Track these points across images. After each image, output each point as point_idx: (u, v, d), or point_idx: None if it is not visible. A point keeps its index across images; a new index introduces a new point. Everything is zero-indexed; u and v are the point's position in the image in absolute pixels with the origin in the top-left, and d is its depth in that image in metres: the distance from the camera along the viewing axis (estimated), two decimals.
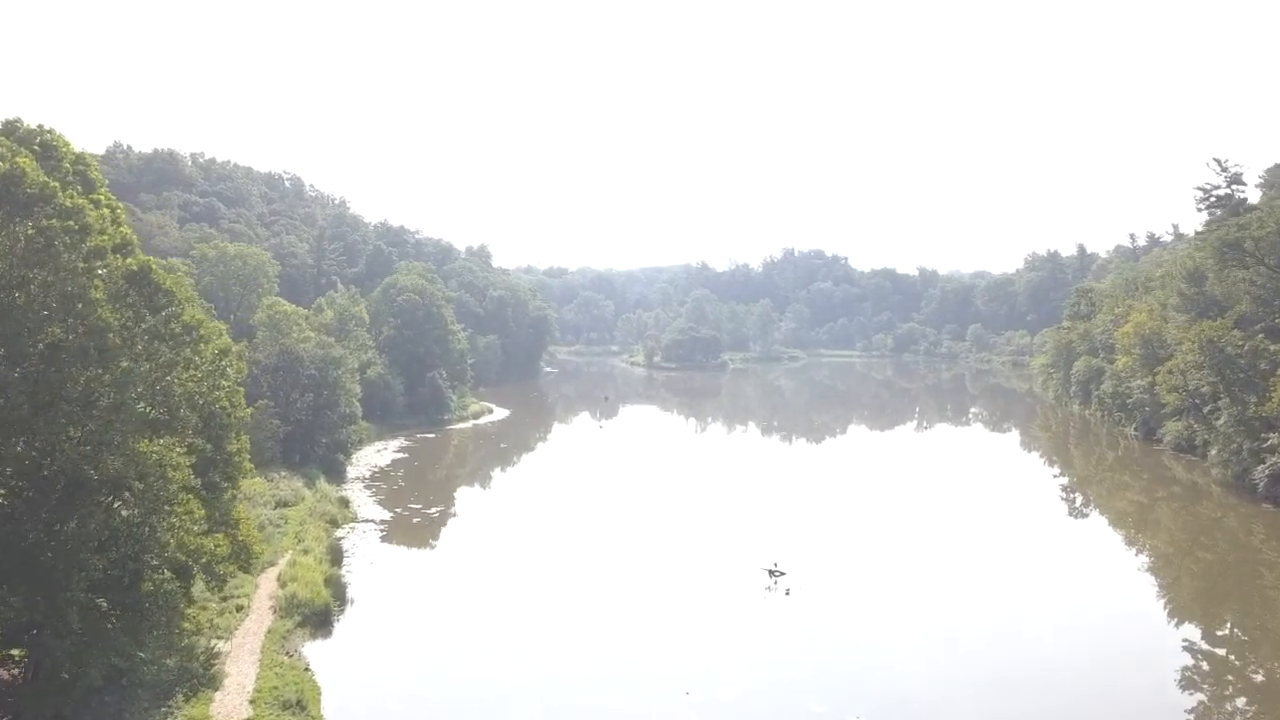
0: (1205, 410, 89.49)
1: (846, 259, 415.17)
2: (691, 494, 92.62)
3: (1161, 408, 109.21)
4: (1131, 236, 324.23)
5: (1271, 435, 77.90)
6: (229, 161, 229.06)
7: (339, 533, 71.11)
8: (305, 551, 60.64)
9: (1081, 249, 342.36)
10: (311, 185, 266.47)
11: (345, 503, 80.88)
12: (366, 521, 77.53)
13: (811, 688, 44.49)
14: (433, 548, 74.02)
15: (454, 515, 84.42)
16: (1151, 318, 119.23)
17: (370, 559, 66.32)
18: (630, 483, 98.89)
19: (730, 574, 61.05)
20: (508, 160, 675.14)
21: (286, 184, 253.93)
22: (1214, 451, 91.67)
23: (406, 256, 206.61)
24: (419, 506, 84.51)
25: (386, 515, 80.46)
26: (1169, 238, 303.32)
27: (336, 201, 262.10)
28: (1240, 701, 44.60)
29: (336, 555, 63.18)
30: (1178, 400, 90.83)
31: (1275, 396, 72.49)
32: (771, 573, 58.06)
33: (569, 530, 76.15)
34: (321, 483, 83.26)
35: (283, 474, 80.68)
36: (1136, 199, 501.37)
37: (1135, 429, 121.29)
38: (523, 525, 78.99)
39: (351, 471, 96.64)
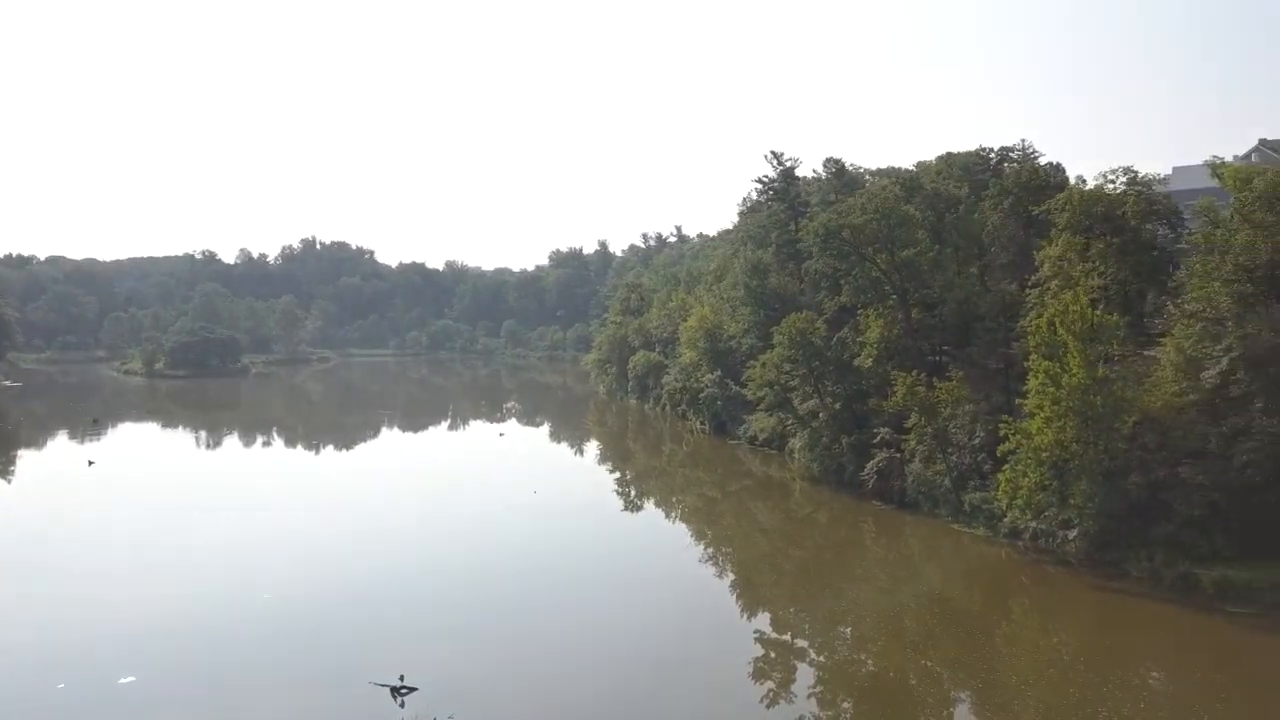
0: (797, 404, 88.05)
1: (374, 252, 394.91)
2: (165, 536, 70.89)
3: (734, 402, 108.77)
4: (644, 236, 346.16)
5: (882, 430, 76.96)
6: None
7: None
8: None
9: (604, 246, 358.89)
10: None
11: None
12: None
13: None
14: None
15: None
16: (715, 312, 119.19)
17: None
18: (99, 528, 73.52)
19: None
20: None
21: None
22: (799, 445, 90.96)
23: None
24: None
25: None
26: (673, 239, 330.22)
27: None
28: (805, 684, 44.67)
29: None
30: (772, 395, 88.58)
31: (899, 393, 70.89)
32: (396, 690, 40.82)
33: None
34: None
35: None
36: (649, 201, 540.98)
37: (702, 423, 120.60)
38: None
39: None
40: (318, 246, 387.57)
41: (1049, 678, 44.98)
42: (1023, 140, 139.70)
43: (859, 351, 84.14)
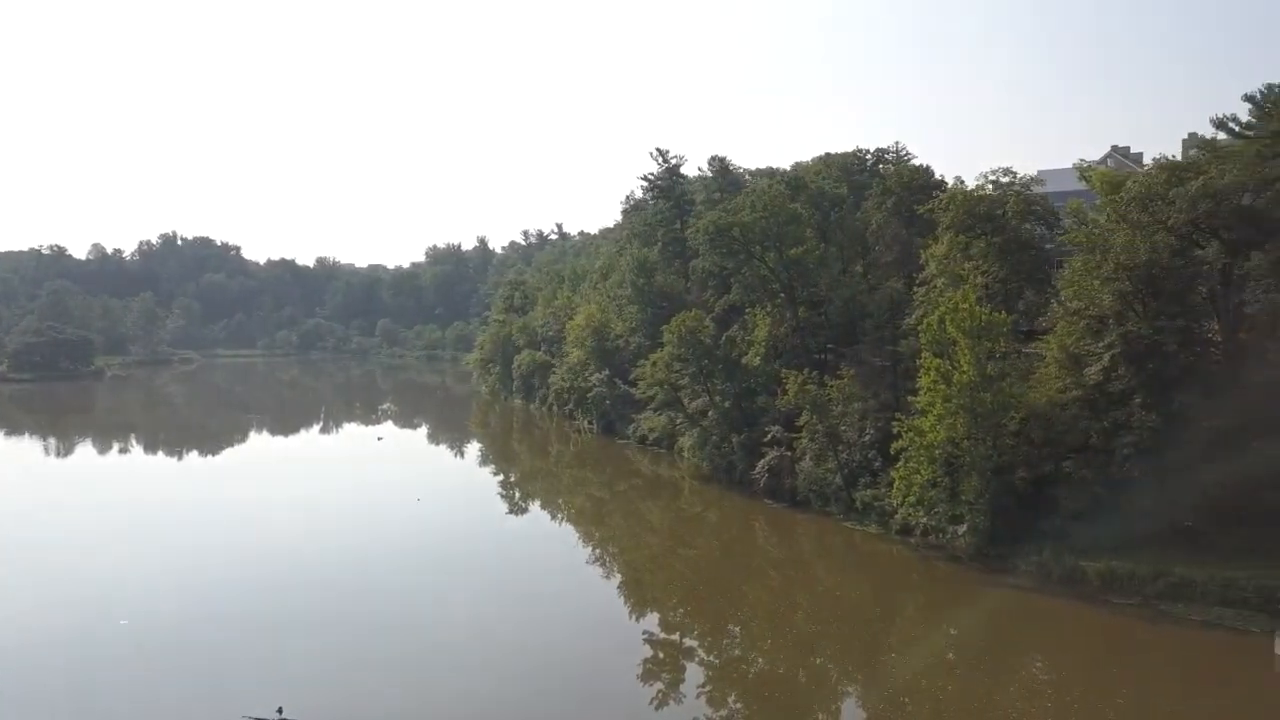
0: (687, 402, 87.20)
1: (240, 249, 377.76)
2: None
3: (623, 401, 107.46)
4: (525, 233, 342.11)
5: (773, 428, 76.62)
6: None
7: None
8: None
9: (483, 242, 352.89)
10: None
11: None
12: None
13: None
14: None
15: None
16: (602, 310, 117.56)
17: None
18: None
19: None
20: None
21: None
22: (688, 444, 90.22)
23: None
24: None
25: None
26: (555, 236, 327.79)
27: None
28: (695, 684, 44.31)
29: None
30: (662, 394, 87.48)
31: (790, 391, 70.55)
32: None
33: None
34: None
35: None
36: (529, 197, 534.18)
37: (590, 423, 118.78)
38: None
39: None
40: (179, 242, 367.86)
41: (939, 673, 45.24)
42: (896, 143, 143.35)
43: (747, 350, 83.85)
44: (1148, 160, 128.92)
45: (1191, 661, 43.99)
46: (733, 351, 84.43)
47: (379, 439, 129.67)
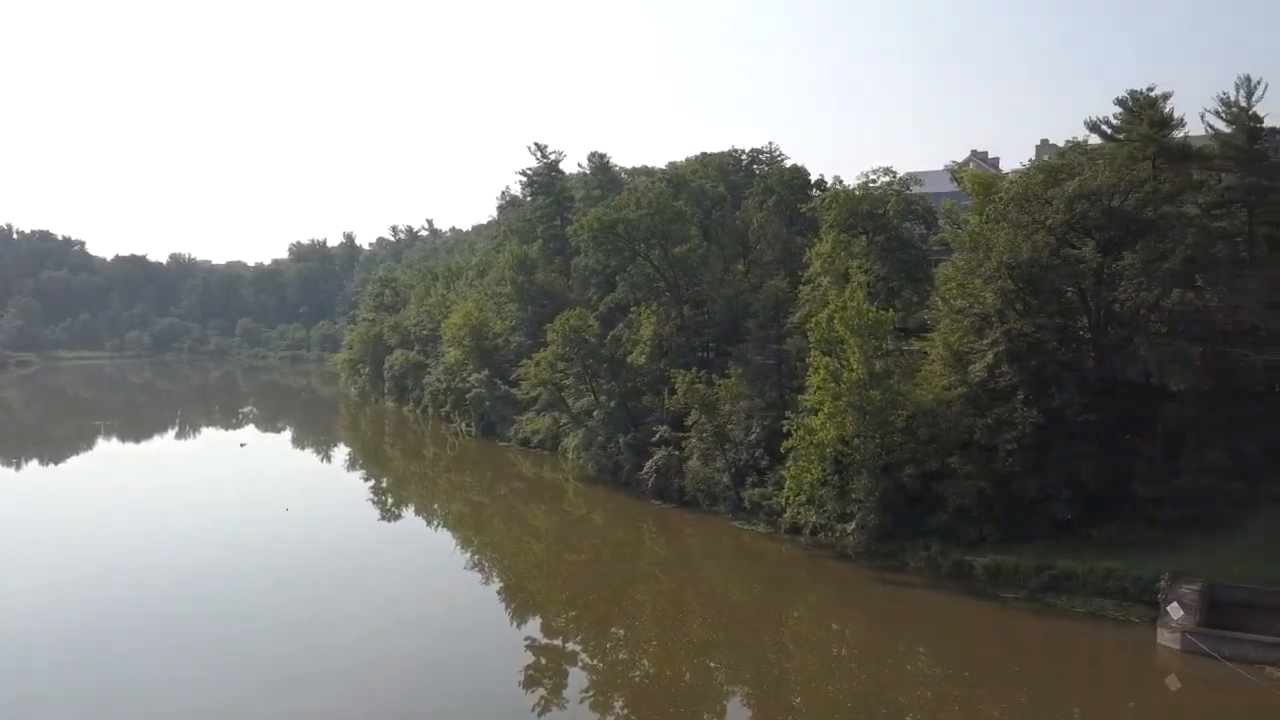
0: (571, 403, 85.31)
1: (84, 243, 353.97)
2: None
3: (503, 402, 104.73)
4: (394, 229, 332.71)
5: (661, 428, 75.44)
6: None
7: None
8: None
9: (349, 239, 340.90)
10: None
11: None
12: None
13: None
14: None
15: None
16: (480, 308, 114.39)
17: None
18: None
19: None
20: None
21: None
22: (573, 445, 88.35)
23: None
24: None
25: None
26: (425, 232, 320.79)
27: None
28: (578, 689, 43.64)
29: None
30: (546, 395, 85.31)
31: (679, 390, 69.46)
32: None
33: None
34: None
35: None
36: (398, 192, 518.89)
37: (469, 425, 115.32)
38: None
39: None
40: (14, 235, 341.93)
41: (828, 670, 45.12)
42: (770, 143, 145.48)
43: (633, 349, 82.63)
44: (1004, 165, 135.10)
45: (1077, 653, 44.81)
46: (618, 350, 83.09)
47: (241, 445, 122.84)
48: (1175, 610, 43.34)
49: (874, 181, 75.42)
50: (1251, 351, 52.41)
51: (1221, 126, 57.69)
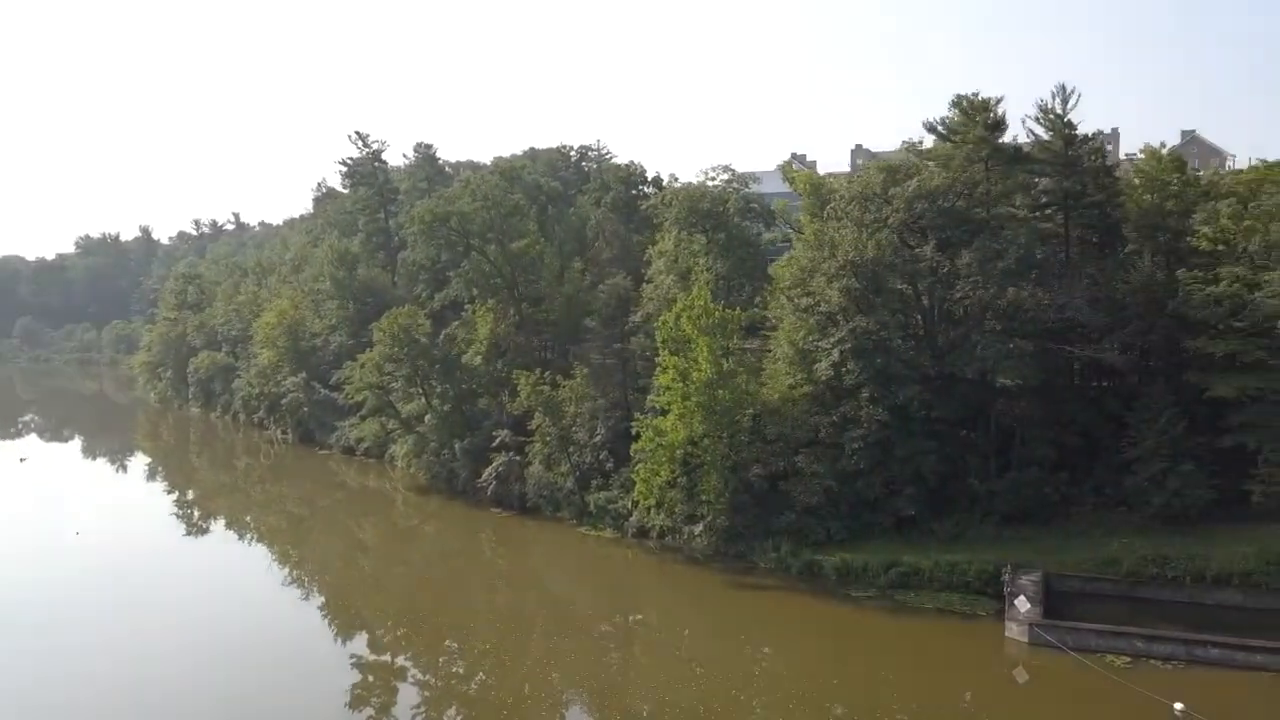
0: (401, 406, 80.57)
1: None
2: None
3: (324, 407, 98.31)
4: (196, 223, 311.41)
5: (501, 432, 72.01)
6: None
7: None
8: None
9: (146, 233, 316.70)
10: None
11: None
12: None
13: None
14: None
15: None
16: (296, 306, 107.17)
17: None
18: None
19: None
20: None
21: None
22: (403, 452, 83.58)
23: None
24: None
25: None
26: (231, 226, 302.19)
27: None
28: (408, 707, 42.38)
29: None
30: (373, 399, 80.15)
31: (523, 393, 66.25)
32: None
33: None
34: None
35: None
36: (200, 184, 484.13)
37: (285, 432, 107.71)
38: None
39: None
40: None
41: (674, 676, 43.88)
42: (599, 140, 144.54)
43: (468, 349, 78.93)
44: (821, 168, 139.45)
45: (928, 650, 45.17)
46: (452, 351, 79.05)
47: (21, 459, 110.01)
48: (1023, 604, 44.39)
49: (714, 178, 75.10)
50: (1075, 348, 54.76)
51: (1041, 132, 60.15)
